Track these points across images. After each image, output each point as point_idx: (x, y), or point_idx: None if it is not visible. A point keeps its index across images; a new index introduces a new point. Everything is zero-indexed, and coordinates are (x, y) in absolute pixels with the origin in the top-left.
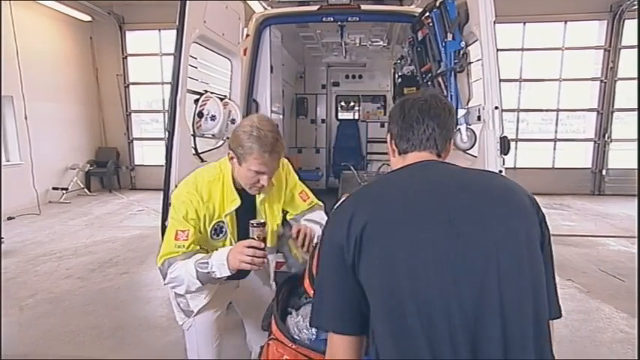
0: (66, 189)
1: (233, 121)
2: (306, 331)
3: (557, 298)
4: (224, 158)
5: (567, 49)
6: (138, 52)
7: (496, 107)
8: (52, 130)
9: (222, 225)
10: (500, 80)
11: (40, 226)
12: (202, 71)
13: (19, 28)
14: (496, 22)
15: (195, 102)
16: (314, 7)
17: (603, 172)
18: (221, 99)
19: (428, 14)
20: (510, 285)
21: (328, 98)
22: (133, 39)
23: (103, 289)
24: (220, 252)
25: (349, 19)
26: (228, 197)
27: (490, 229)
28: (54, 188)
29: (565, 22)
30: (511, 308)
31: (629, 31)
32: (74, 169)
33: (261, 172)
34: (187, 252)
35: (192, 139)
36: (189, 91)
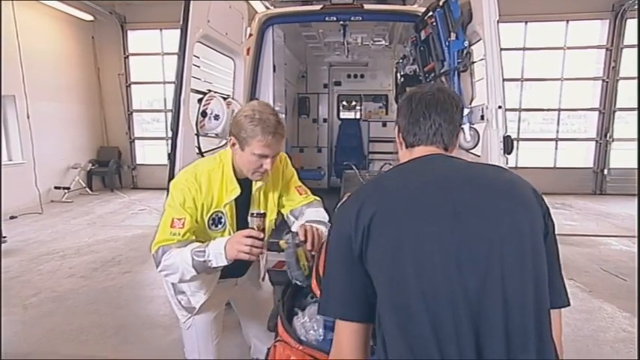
0: (68, 188)
1: None
2: (313, 332)
3: (564, 287)
4: (224, 150)
5: (569, 48)
6: (139, 52)
7: (499, 107)
8: (54, 129)
9: (221, 215)
10: (503, 80)
11: (42, 225)
12: (205, 70)
13: (21, 27)
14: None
15: (199, 101)
16: (317, 7)
17: (605, 172)
18: (224, 98)
19: (431, 14)
20: (513, 275)
21: (330, 98)
22: (134, 38)
23: (105, 288)
24: (218, 241)
25: (352, 18)
26: (227, 186)
27: (494, 222)
28: (56, 187)
29: (567, 21)
30: (513, 297)
31: (631, 30)
32: (76, 169)
33: (265, 156)
34: (182, 240)
35: (196, 138)
36: (192, 90)
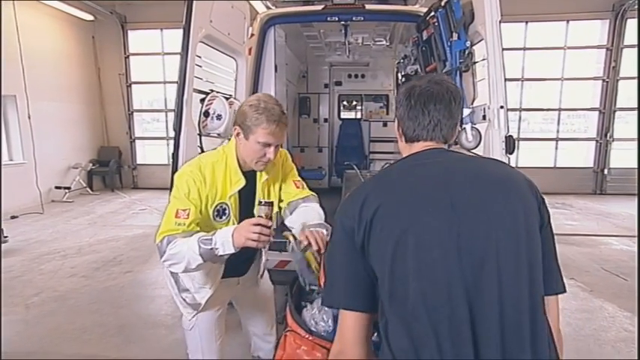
0: (68, 188)
1: None
2: (322, 324)
3: (560, 274)
4: (227, 143)
5: (569, 48)
6: (140, 52)
7: (501, 106)
8: (55, 129)
9: (225, 207)
10: (505, 80)
11: (43, 224)
12: (207, 70)
13: (22, 27)
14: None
15: (201, 101)
16: (319, 7)
17: (605, 172)
18: (226, 98)
19: (433, 14)
20: (508, 265)
21: (331, 98)
22: (135, 38)
23: (107, 287)
24: (225, 229)
25: (354, 18)
26: (232, 178)
27: (490, 214)
28: (57, 187)
29: (567, 21)
30: (508, 285)
31: (631, 30)
32: (77, 169)
33: (268, 144)
34: (187, 230)
35: (199, 138)
36: (195, 90)
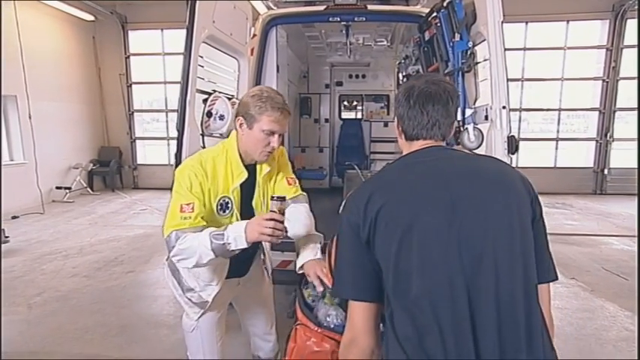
0: (69, 188)
1: None
2: (331, 318)
3: (552, 264)
4: (227, 139)
5: (569, 48)
6: (140, 52)
7: (504, 107)
8: (55, 129)
9: (228, 201)
10: (507, 80)
11: (44, 225)
12: (209, 70)
13: (23, 27)
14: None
15: (204, 102)
16: (321, 7)
17: (605, 172)
18: (229, 98)
19: (435, 14)
20: (504, 257)
21: (331, 98)
22: (135, 38)
23: (109, 287)
24: (237, 224)
25: (355, 19)
26: (233, 171)
27: (488, 211)
28: (57, 187)
29: (567, 21)
30: (504, 276)
31: (631, 30)
32: (77, 169)
33: (273, 133)
34: (195, 224)
35: (201, 138)
36: (197, 90)
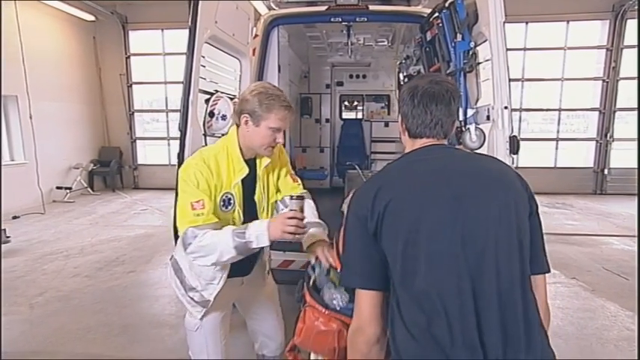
0: (70, 188)
1: None
2: (336, 301)
3: (545, 257)
4: (222, 138)
5: (569, 48)
6: (141, 52)
7: (505, 107)
8: (56, 129)
9: (231, 197)
10: (509, 80)
11: (45, 225)
12: (211, 70)
13: (23, 28)
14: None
15: (206, 102)
16: (322, 8)
17: (605, 172)
18: (231, 98)
19: (437, 15)
20: (504, 249)
21: (332, 98)
22: (135, 38)
23: (110, 287)
24: (257, 223)
25: (357, 19)
26: (235, 167)
27: (488, 206)
28: (58, 187)
29: (567, 21)
30: (504, 267)
31: (631, 30)
32: (77, 169)
33: (278, 129)
34: (208, 221)
35: (204, 138)
36: (199, 90)
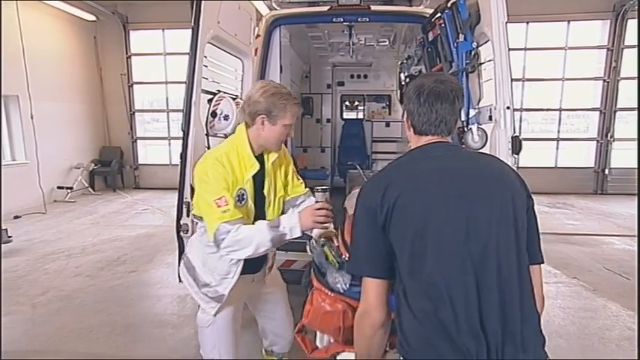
0: (71, 188)
1: None
2: (340, 285)
3: (540, 249)
4: (229, 137)
5: (570, 48)
6: (142, 52)
7: (508, 107)
8: (57, 129)
9: (244, 192)
10: (512, 80)
11: (46, 224)
12: (213, 70)
13: (24, 28)
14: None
15: (209, 102)
16: (324, 8)
17: (606, 172)
18: (233, 98)
19: (439, 15)
20: (503, 242)
21: (333, 98)
22: (136, 38)
23: (112, 287)
24: (288, 216)
25: (359, 19)
26: (246, 164)
27: (489, 202)
28: (59, 187)
29: (568, 21)
30: (504, 259)
31: (632, 30)
32: (78, 169)
33: (291, 125)
34: (235, 216)
35: (206, 138)
36: (202, 90)
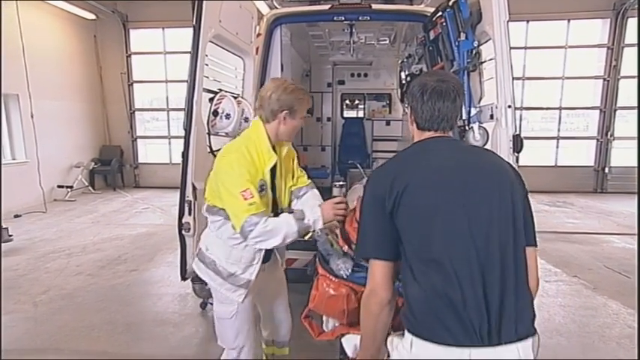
0: (71, 187)
1: (246, 120)
2: (343, 271)
3: (534, 233)
4: (244, 132)
5: (570, 47)
6: (141, 51)
7: (509, 106)
8: (57, 128)
9: (263, 182)
10: (513, 79)
11: (46, 223)
12: (214, 69)
13: (25, 26)
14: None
15: (210, 100)
16: (325, 7)
17: (606, 170)
18: (234, 97)
19: (441, 14)
20: (503, 229)
21: (334, 96)
22: (136, 37)
23: (113, 285)
24: (311, 210)
25: (360, 18)
26: (264, 156)
27: (489, 192)
28: (59, 186)
29: (568, 20)
30: (503, 239)
31: (632, 29)
32: (79, 167)
33: (303, 117)
34: (261, 208)
35: (207, 137)
36: (204, 89)
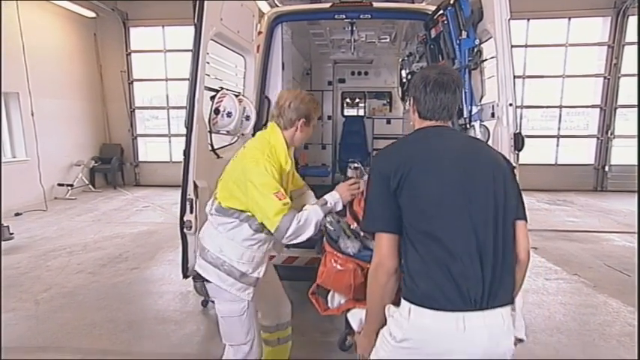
0: (71, 185)
1: (247, 118)
2: (350, 249)
3: (523, 207)
4: (259, 134)
5: (571, 45)
6: (141, 49)
7: (510, 104)
8: (57, 126)
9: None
10: (514, 77)
11: (47, 222)
12: (215, 67)
13: (25, 25)
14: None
15: (211, 99)
16: (326, 5)
17: (606, 169)
18: (236, 95)
19: (442, 12)
20: (497, 207)
21: (334, 95)
22: (136, 35)
23: (115, 283)
24: (330, 194)
25: (361, 16)
26: (282, 160)
27: (484, 175)
28: (59, 184)
29: (569, 18)
30: (497, 215)
31: (633, 27)
32: (79, 166)
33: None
34: (292, 207)
35: (209, 135)
36: (205, 87)
